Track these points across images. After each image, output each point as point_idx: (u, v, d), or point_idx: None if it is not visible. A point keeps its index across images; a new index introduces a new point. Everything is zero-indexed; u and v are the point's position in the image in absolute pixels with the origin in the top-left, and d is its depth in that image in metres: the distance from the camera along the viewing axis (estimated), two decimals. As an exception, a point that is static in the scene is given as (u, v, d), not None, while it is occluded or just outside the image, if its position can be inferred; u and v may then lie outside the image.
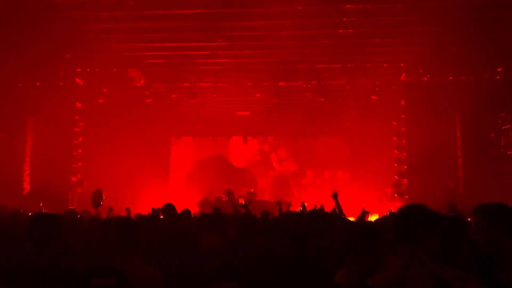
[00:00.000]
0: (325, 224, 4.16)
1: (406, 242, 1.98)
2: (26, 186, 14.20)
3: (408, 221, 2.01)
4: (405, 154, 13.54)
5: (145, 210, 8.06)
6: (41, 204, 9.43)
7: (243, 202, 7.30)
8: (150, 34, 10.06)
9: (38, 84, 13.67)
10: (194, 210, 11.98)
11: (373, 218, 6.80)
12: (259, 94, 13.19)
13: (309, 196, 16.41)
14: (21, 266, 2.49)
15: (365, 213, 6.18)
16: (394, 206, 12.36)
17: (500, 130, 13.02)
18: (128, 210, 5.77)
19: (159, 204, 5.66)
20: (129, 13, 9.08)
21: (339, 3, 8.98)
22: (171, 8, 9.14)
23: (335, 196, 5.72)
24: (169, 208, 5.51)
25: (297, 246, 3.78)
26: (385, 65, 12.24)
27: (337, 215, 5.46)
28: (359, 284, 2.09)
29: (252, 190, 15.10)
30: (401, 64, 12.28)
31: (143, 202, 12.98)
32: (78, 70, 12.99)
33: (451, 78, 12.76)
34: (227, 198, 11.66)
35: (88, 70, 12.99)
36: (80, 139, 14.05)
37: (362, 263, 2.20)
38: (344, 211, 6.18)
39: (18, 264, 2.52)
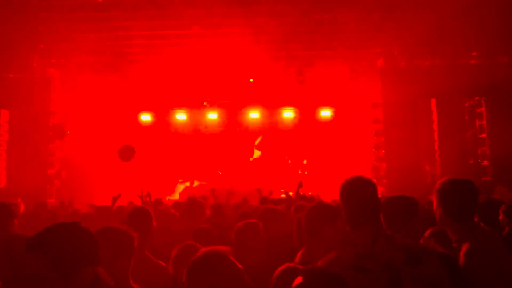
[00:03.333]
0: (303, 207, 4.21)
1: (370, 221, 2.02)
2: (3, 180, 13.93)
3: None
4: (383, 139, 13.72)
5: (124, 201, 8.00)
6: (19, 200, 9.24)
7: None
8: (122, 23, 9.90)
9: (11, 76, 13.34)
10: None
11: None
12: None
13: (289, 183, 16.53)
14: None
15: (300, 186, 6.59)
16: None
17: (475, 113, 13.30)
18: (114, 199, 5.78)
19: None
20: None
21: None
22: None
23: (299, 185, 6.49)
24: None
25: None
26: (361, 51, 12.32)
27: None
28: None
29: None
30: (378, 50, 12.37)
31: (123, 192, 12.90)
32: (52, 60, 12.72)
33: (427, 63, 12.93)
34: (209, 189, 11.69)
35: (62, 60, 12.73)
36: (57, 130, 13.80)
37: (322, 242, 2.21)
38: (322, 196, 6.37)
39: None
